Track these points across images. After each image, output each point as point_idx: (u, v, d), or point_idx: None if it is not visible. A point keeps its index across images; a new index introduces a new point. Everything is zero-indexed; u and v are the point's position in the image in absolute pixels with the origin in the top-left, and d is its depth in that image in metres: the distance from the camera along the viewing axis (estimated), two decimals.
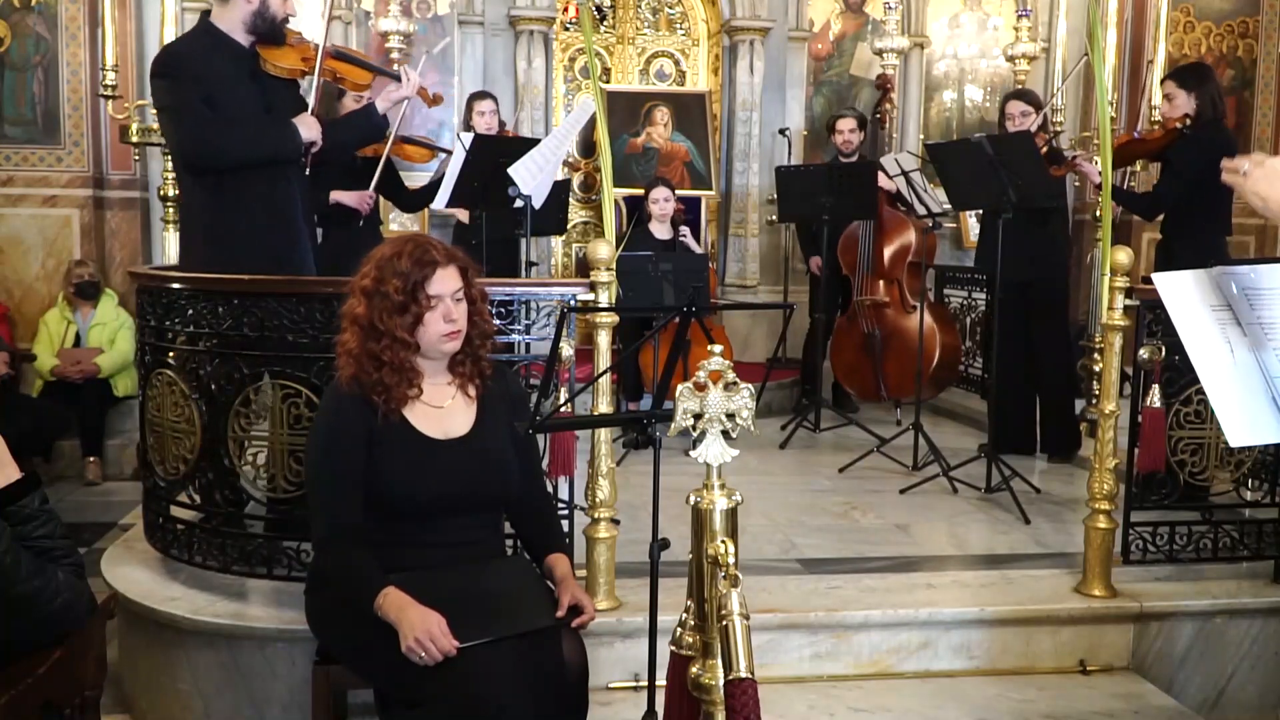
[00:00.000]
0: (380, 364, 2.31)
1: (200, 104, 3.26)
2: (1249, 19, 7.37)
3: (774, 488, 4.44)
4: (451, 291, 2.34)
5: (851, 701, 2.94)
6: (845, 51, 7.54)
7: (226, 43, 3.36)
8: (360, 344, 2.32)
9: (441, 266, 2.33)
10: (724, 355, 2.02)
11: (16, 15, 6.38)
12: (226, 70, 3.33)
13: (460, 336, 2.37)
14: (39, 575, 1.84)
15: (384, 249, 2.37)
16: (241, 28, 3.36)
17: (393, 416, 2.33)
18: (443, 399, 2.42)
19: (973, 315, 5.91)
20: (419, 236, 2.44)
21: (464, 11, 6.97)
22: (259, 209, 3.35)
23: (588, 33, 3.61)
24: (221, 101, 3.29)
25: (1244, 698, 3.28)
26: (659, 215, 5.53)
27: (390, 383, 2.32)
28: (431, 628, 2.13)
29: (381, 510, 2.33)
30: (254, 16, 3.34)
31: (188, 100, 3.27)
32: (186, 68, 3.30)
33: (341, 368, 2.37)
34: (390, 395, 2.32)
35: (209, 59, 3.32)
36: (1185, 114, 4.40)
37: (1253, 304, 1.80)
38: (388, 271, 2.32)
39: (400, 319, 2.30)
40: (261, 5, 3.34)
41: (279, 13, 3.38)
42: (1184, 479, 3.37)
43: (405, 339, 2.31)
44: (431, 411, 2.39)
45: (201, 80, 3.27)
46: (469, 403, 2.45)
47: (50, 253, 6.50)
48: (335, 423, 2.36)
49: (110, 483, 6.09)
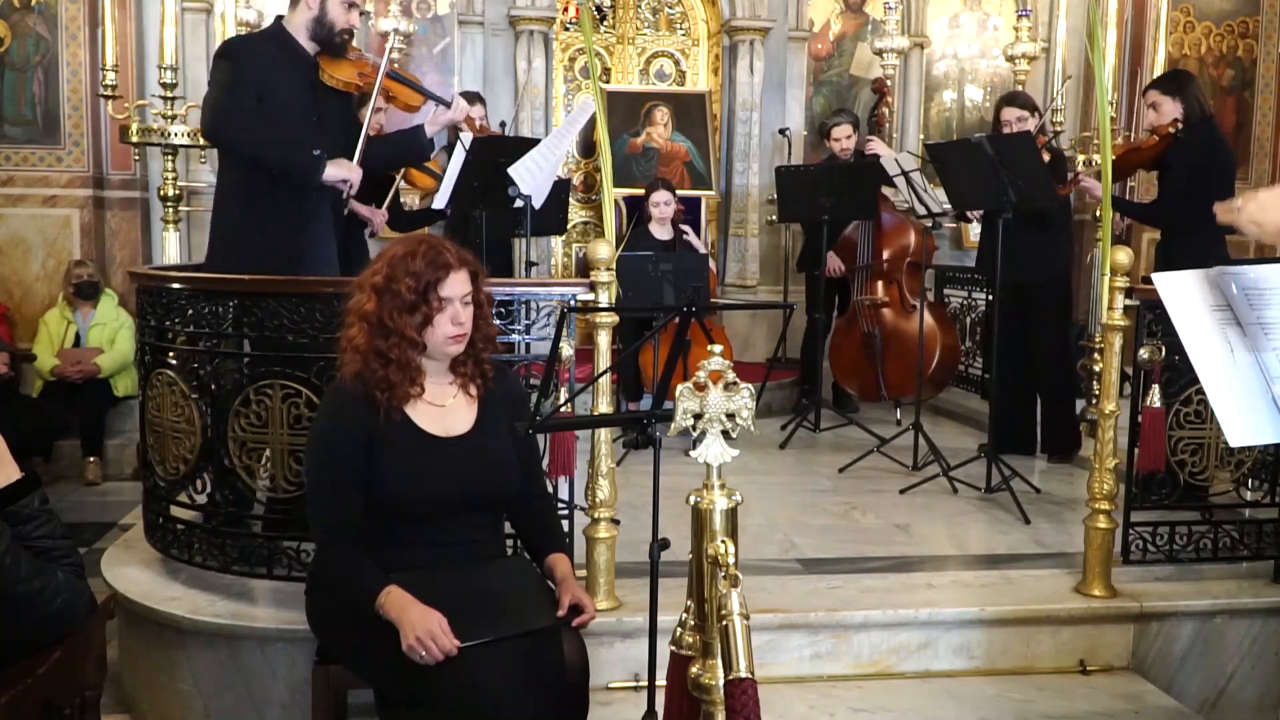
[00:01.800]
0: (387, 361, 2.32)
1: (246, 88, 3.35)
2: (1249, 19, 7.37)
3: (774, 488, 4.44)
4: (461, 295, 2.35)
5: (851, 701, 2.94)
6: (845, 51, 7.54)
7: (292, 45, 3.46)
8: (368, 340, 2.33)
9: (455, 270, 2.34)
10: (724, 355, 2.02)
11: (16, 15, 6.38)
12: (286, 71, 3.43)
13: (465, 340, 2.38)
14: (39, 575, 1.84)
15: (396, 248, 2.38)
16: (305, 33, 3.46)
17: (394, 414, 2.34)
18: (444, 398, 2.42)
19: (973, 315, 5.91)
20: (431, 238, 2.45)
21: (464, 11, 6.97)
22: (285, 205, 3.43)
23: (588, 33, 3.62)
24: (272, 100, 3.37)
25: (1244, 698, 3.28)
26: (659, 218, 5.54)
27: (395, 380, 2.32)
28: (433, 627, 2.14)
29: (382, 510, 2.33)
30: (314, 23, 3.45)
31: (236, 81, 3.35)
32: (248, 56, 3.42)
33: (345, 364, 2.37)
34: (394, 393, 2.33)
35: (272, 55, 3.43)
36: (1175, 118, 4.41)
37: (1253, 304, 1.81)
38: (400, 270, 2.32)
39: (410, 318, 2.31)
40: (321, 12, 3.43)
41: (339, 22, 3.46)
42: (1184, 479, 3.38)
43: (413, 338, 2.32)
44: (433, 410, 2.40)
45: (260, 70, 3.37)
46: (470, 402, 2.45)
47: (50, 253, 6.50)
48: (335, 423, 2.36)
49: (110, 483, 6.09)
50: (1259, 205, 2.00)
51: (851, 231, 5.66)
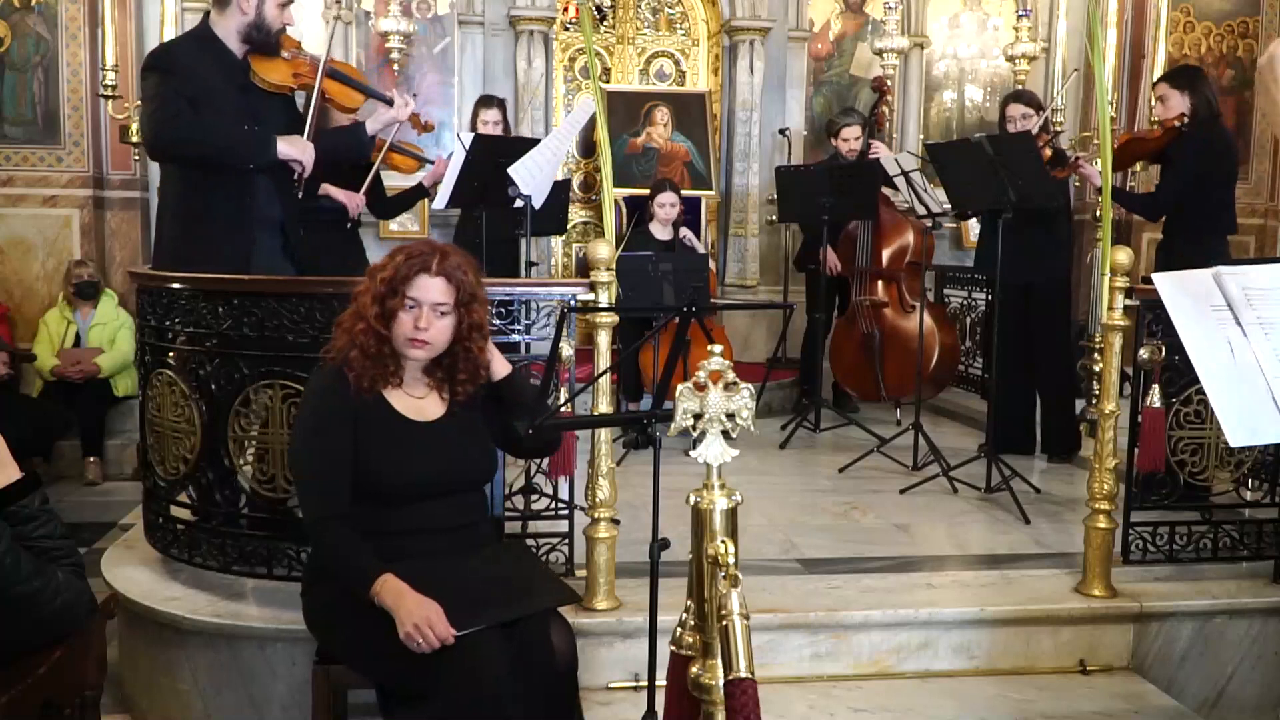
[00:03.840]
0: (354, 345, 2.37)
1: (178, 97, 3.26)
2: (1249, 19, 7.37)
3: (774, 488, 4.44)
4: (432, 301, 2.37)
5: (851, 701, 2.94)
6: (845, 51, 7.54)
7: (220, 49, 3.36)
8: (351, 322, 2.40)
9: (430, 274, 2.37)
10: (724, 355, 2.02)
11: (16, 15, 6.38)
12: (215, 76, 3.33)
13: (426, 349, 2.39)
14: (39, 575, 1.84)
15: (411, 246, 2.44)
16: (236, 36, 3.36)
17: (367, 394, 2.38)
18: (419, 392, 2.48)
19: (973, 315, 5.91)
20: (444, 246, 2.47)
21: (464, 11, 6.97)
22: (223, 211, 3.35)
23: (588, 33, 3.62)
24: (205, 106, 3.28)
25: (1244, 698, 3.28)
26: (663, 219, 5.54)
27: (358, 367, 2.37)
28: (430, 614, 2.16)
29: (366, 495, 2.36)
30: (249, 27, 3.35)
31: (168, 92, 3.27)
32: (176, 65, 3.31)
33: (332, 340, 2.45)
34: (364, 375, 2.38)
35: (200, 62, 3.32)
36: (1181, 113, 4.40)
37: (1253, 304, 1.81)
38: (391, 262, 2.40)
39: (376, 308, 2.36)
40: (257, 16, 3.34)
41: (275, 23, 3.37)
42: (1184, 479, 3.37)
43: (378, 329, 2.36)
44: (409, 398, 2.45)
45: (189, 80, 3.27)
46: (442, 403, 2.49)
47: (50, 253, 6.50)
48: (322, 402, 2.41)
49: (110, 483, 6.09)
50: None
51: (852, 231, 5.66)
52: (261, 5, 3.33)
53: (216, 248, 3.30)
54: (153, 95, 3.33)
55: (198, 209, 3.35)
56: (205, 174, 3.33)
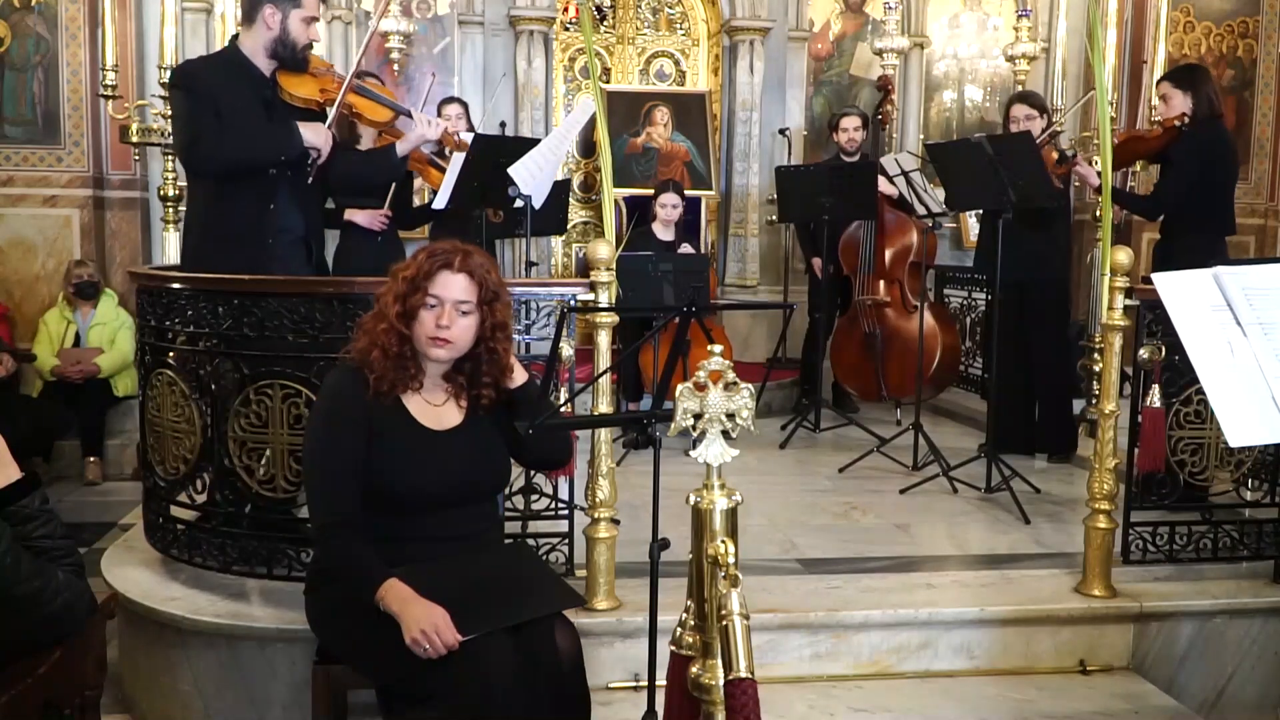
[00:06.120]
0: (376, 345, 2.35)
1: (207, 113, 3.31)
2: (1249, 19, 7.37)
3: (774, 488, 4.44)
4: (454, 299, 2.35)
5: (851, 701, 2.94)
6: (845, 51, 7.54)
7: (246, 67, 3.42)
8: (373, 322, 2.39)
9: (452, 271, 2.35)
10: (724, 355, 2.01)
11: (16, 15, 6.38)
12: (242, 94, 3.38)
13: (449, 348, 2.37)
14: (39, 575, 1.84)
15: (434, 245, 2.44)
16: (263, 53, 3.41)
17: (385, 398, 2.36)
18: (438, 399, 2.45)
19: (973, 315, 5.91)
20: (468, 246, 2.45)
21: (464, 11, 6.97)
22: (243, 221, 3.38)
23: (587, 33, 3.61)
24: (230, 120, 3.33)
25: (1244, 698, 3.28)
26: (665, 219, 5.54)
27: (379, 369, 2.35)
28: (437, 620, 2.15)
29: (379, 503, 2.34)
30: (275, 43, 3.40)
31: (195, 110, 3.34)
32: (200, 83, 3.38)
33: (354, 342, 2.42)
34: (383, 379, 2.36)
35: (225, 80, 3.38)
36: (1183, 113, 4.40)
37: (1253, 304, 1.81)
38: (413, 260, 2.40)
39: (398, 306, 2.34)
40: (282, 32, 3.38)
41: (300, 39, 3.42)
42: (1184, 479, 3.37)
43: (400, 329, 2.34)
44: (427, 405, 2.43)
45: (215, 98, 3.32)
46: (459, 411, 2.48)
47: (50, 253, 6.49)
48: (334, 403, 2.39)
49: (110, 483, 6.09)
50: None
51: (854, 231, 5.66)
52: (286, 20, 3.38)
53: (236, 256, 3.31)
54: (181, 113, 3.41)
55: (219, 219, 3.40)
56: (227, 185, 3.38)
